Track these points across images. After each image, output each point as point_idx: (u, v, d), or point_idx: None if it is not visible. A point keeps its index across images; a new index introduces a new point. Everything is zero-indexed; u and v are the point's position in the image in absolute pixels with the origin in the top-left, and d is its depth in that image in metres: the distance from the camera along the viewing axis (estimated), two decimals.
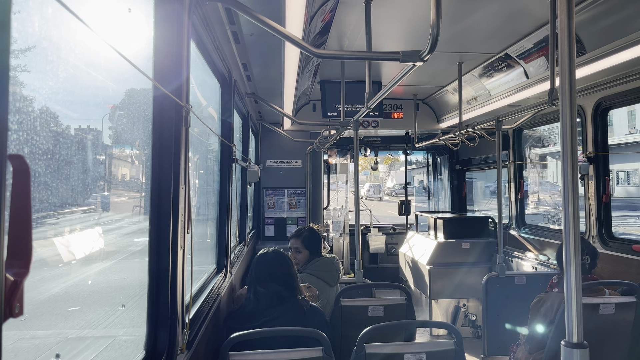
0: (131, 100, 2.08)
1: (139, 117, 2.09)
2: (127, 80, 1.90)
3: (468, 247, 6.91)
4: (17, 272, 0.80)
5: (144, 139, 2.07)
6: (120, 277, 4.58)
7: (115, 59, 1.49)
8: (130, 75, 1.87)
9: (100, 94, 1.74)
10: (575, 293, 1.55)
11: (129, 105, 2.07)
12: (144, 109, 2.01)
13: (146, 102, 2.02)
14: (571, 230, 1.59)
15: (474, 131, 5.50)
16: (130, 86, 1.96)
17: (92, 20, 1.29)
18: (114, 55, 1.47)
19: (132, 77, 1.89)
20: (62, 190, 1.61)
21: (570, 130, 1.60)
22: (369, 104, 3.84)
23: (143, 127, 2.03)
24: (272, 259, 3.30)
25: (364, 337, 2.70)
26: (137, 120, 2.15)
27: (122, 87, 1.90)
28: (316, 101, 7.07)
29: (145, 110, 2.02)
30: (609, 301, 3.63)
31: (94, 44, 1.46)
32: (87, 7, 1.49)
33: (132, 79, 1.92)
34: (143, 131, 2.05)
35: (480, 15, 3.94)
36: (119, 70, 1.78)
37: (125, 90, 1.96)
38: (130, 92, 2.03)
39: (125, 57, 1.52)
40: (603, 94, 4.85)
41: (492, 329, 5.42)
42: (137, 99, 2.07)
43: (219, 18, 2.93)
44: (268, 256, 3.33)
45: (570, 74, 1.57)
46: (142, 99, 2.02)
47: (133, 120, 2.16)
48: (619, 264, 4.77)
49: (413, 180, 29.56)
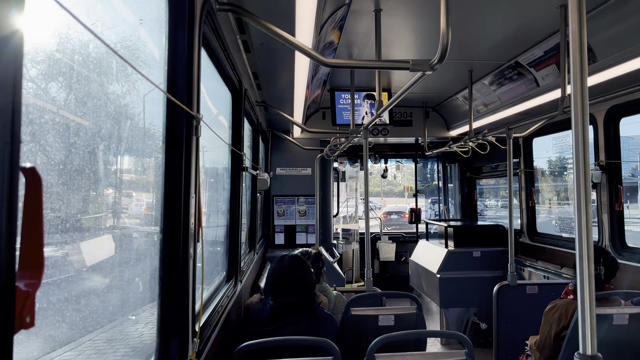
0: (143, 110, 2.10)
1: (150, 127, 2.11)
2: (138, 90, 1.92)
3: (479, 256, 6.86)
4: (28, 283, 0.80)
5: (155, 149, 2.09)
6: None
7: (127, 69, 1.50)
8: (142, 85, 1.88)
9: (112, 104, 1.76)
10: (588, 304, 1.53)
11: (140, 114, 2.09)
12: (155, 118, 2.03)
13: (157, 112, 2.04)
14: (584, 240, 1.57)
15: (485, 139, 5.48)
16: (142, 96, 1.97)
17: (103, 31, 1.31)
18: (125, 66, 1.48)
19: (144, 87, 1.91)
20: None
21: (583, 138, 1.58)
22: (379, 112, 3.84)
23: (154, 136, 2.04)
24: (288, 269, 3.26)
25: (374, 347, 2.68)
26: (147, 130, 2.16)
27: (134, 97, 1.91)
28: (326, 109, 7.08)
29: (155, 119, 2.03)
30: (622, 312, 3.58)
31: (106, 55, 1.48)
32: (98, 19, 1.51)
33: (143, 89, 1.93)
34: (154, 141, 2.06)
35: (490, 23, 3.93)
36: (131, 79, 1.80)
37: (137, 100, 1.98)
38: (142, 102, 2.05)
39: (135, 69, 1.53)
40: (614, 102, 4.81)
41: (503, 339, 5.36)
42: (148, 109, 2.08)
43: (230, 27, 2.95)
44: (284, 264, 3.29)
45: (582, 82, 1.56)
46: (153, 109, 2.03)
47: (144, 130, 2.17)
48: (632, 273, 4.71)
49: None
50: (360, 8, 3.59)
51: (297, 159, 7.72)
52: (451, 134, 7.65)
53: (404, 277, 9.10)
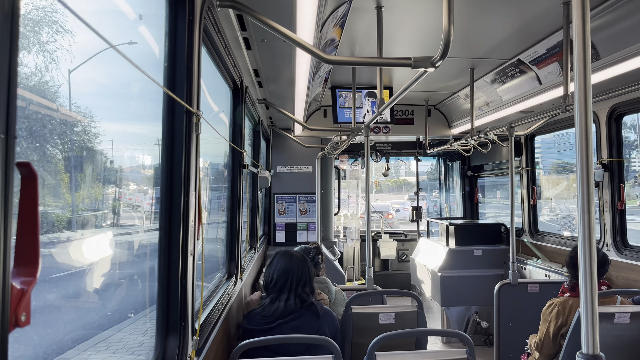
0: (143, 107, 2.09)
1: (150, 124, 2.09)
2: (138, 86, 1.90)
3: (480, 254, 6.85)
4: (24, 280, 0.79)
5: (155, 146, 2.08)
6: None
7: (127, 65, 1.49)
8: (142, 81, 1.87)
9: (111, 100, 1.75)
10: (591, 304, 1.52)
11: (139, 111, 2.08)
12: (154, 115, 2.01)
13: (157, 108, 2.02)
14: (586, 239, 1.56)
15: (486, 137, 5.46)
16: (142, 92, 1.96)
17: (103, 27, 1.29)
18: (125, 62, 1.47)
19: (144, 83, 1.89)
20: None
21: (586, 136, 1.57)
22: (380, 110, 3.82)
23: (154, 133, 2.03)
24: (288, 266, 3.27)
25: (375, 346, 2.67)
26: (148, 127, 2.15)
27: (133, 93, 1.90)
28: (327, 107, 7.06)
29: (156, 116, 2.02)
30: (624, 310, 3.57)
31: (105, 51, 1.47)
32: (98, 15, 1.50)
33: (144, 85, 1.92)
34: (155, 137, 2.05)
35: (492, 21, 3.91)
36: (130, 76, 1.78)
37: (136, 96, 1.97)
38: (141, 98, 2.04)
39: (135, 65, 1.52)
40: (617, 100, 4.79)
41: (504, 337, 5.35)
42: (148, 105, 2.07)
43: (230, 24, 2.93)
44: (285, 262, 3.29)
45: (585, 80, 1.55)
46: (153, 105, 2.02)
47: (144, 127, 2.16)
48: (634, 272, 4.69)
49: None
50: (362, 5, 3.57)
51: (298, 157, 7.70)
52: (452, 132, 7.63)
53: (404, 276, 9.09)
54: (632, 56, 3.59)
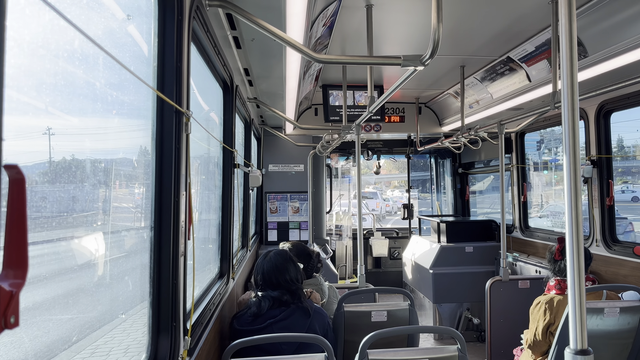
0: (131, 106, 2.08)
1: (139, 124, 2.09)
2: (126, 87, 1.89)
3: (471, 251, 6.89)
4: (12, 283, 0.79)
5: (144, 146, 2.07)
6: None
7: (115, 66, 1.49)
8: (131, 81, 1.86)
9: (100, 101, 1.74)
10: (579, 299, 1.54)
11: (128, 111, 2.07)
12: (143, 114, 2.01)
13: (146, 108, 2.02)
14: (574, 235, 1.57)
15: (477, 134, 5.49)
16: (130, 92, 1.95)
17: (90, 28, 1.29)
18: (113, 63, 1.46)
19: (133, 83, 1.88)
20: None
21: (573, 133, 1.59)
22: (371, 108, 3.83)
23: (143, 133, 2.03)
24: (274, 265, 3.30)
25: (367, 343, 2.69)
26: (137, 126, 2.14)
27: (121, 94, 1.89)
28: (318, 105, 7.07)
29: (144, 116, 2.01)
30: (613, 305, 3.61)
31: (92, 52, 1.46)
32: (85, 14, 1.49)
33: (132, 85, 1.91)
34: (143, 138, 2.04)
35: (481, 18, 3.93)
36: (118, 77, 1.77)
37: (125, 96, 1.96)
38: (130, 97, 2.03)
39: (124, 65, 1.52)
40: (606, 97, 4.83)
41: (495, 333, 5.39)
42: (136, 104, 2.07)
43: (220, 23, 2.92)
44: (271, 261, 3.33)
45: (572, 77, 1.56)
46: (141, 105, 2.01)
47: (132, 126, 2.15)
48: (623, 267, 4.74)
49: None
50: (352, 3, 3.58)
51: (290, 156, 7.70)
52: (443, 130, 7.66)
53: (397, 273, 9.13)
54: (620, 53, 3.62)
